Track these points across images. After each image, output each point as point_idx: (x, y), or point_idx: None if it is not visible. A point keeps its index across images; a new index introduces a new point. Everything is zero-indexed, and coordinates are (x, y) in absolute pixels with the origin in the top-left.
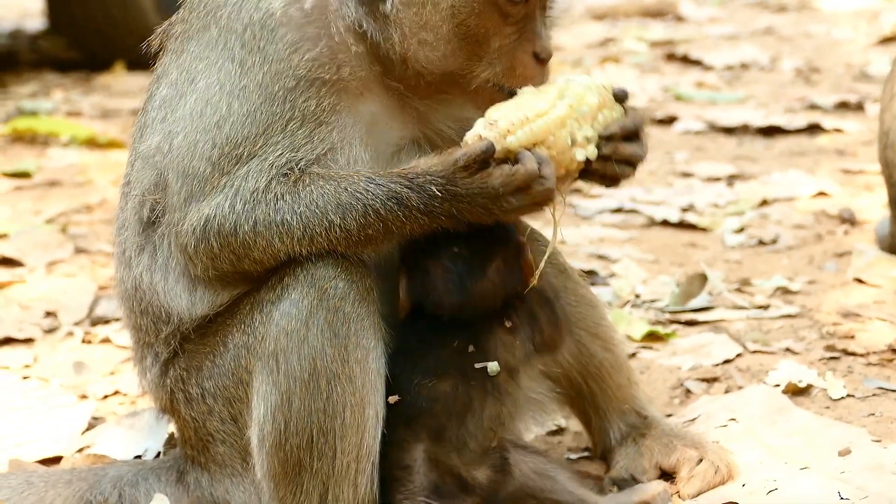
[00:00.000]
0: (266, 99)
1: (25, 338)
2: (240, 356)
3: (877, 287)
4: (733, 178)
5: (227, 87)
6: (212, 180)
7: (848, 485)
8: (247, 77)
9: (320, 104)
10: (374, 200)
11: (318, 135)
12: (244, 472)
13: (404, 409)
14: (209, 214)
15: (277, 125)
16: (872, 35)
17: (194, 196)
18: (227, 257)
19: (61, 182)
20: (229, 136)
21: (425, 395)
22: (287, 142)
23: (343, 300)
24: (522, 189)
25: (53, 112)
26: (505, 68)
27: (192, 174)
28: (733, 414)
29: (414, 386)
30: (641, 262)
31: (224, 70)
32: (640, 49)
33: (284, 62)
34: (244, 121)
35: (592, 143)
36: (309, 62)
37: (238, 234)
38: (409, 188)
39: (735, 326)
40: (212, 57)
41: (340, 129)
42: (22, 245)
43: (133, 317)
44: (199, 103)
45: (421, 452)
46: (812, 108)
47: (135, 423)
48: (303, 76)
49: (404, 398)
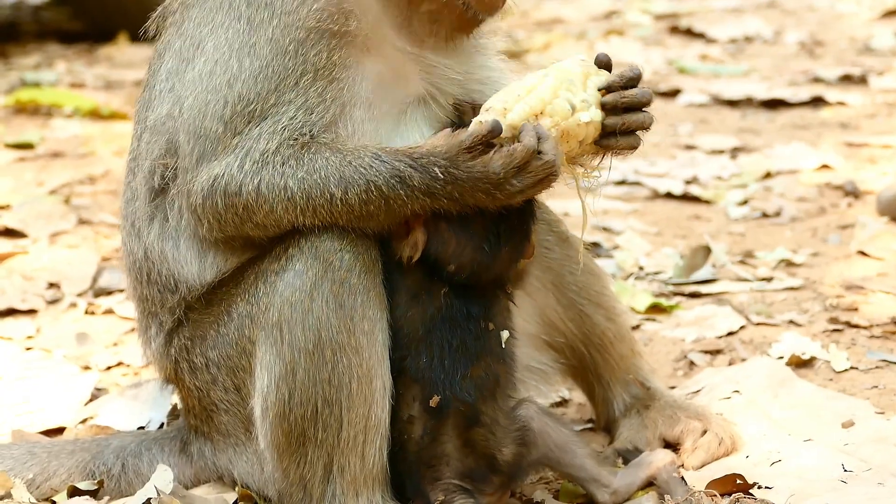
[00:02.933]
0: (278, 53)
1: (28, 308)
2: (244, 326)
3: (880, 259)
4: (737, 150)
5: (237, 45)
6: (224, 140)
7: (851, 457)
8: (256, 33)
9: (331, 57)
10: (376, 177)
11: (329, 93)
12: (247, 441)
13: (441, 404)
14: (218, 173)
15: (290, 80)
16: (876, 8)
17: (206, 156)
18: (231, 219)
19: (64, 153)
20: (241, 93)
21: (467, 386)
22: (301, 100)
23: (349, 272)
24: (523, 168)
25: (56, 83)
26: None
27: (204, 134)
28: (737, 386)
29: (458, 380)
30: (645, 234)
31: (232, 29)
32: (645, 22)
33: (293, 14)
34: (256, 77)
35: (594, 106)
36: (317, 12)
37: (242, 195)
38: (413, 167)
39: (738, 299)
40: (217, 19)
41: (350, 86)
42: (25, 216)
43: (139, 287)
44: (208, 64)
45: (456, 440)
46: (815, 82)
47: (138, 393)
48: (312, 27)
49: (444, 395)
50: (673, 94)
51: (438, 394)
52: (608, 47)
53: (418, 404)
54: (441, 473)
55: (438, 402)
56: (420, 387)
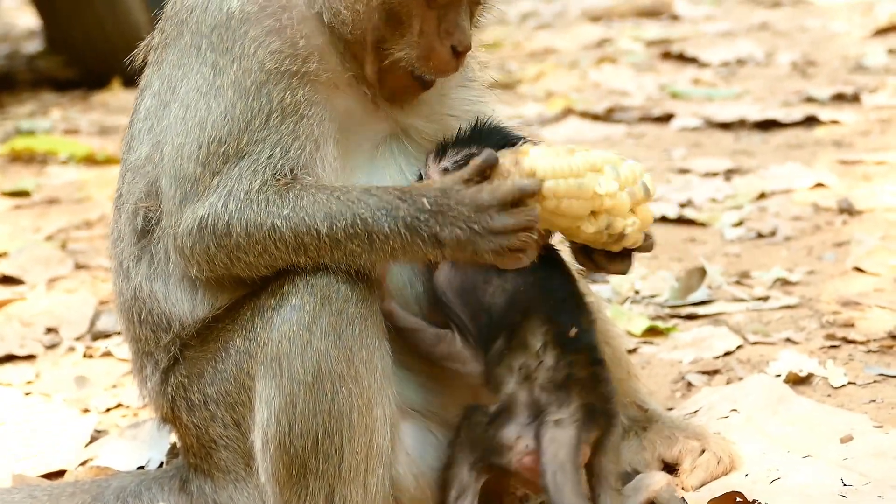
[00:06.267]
0: (242, 95)
1: (27, 354)
2: (242, 361)
3: (876, 275)
4: (731, 172)
5: (204, 89)
6: (203, 180)
7: (851, 471)
8: (220, 77)
9: (294, 96)
10: (364, 208)
11: (301, 129)
12: (248, 476)
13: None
14: (203, 214)
15: (259, 119)
16: (867, 27)
17: (188, 198)
18: (221, 259)
19: (60, 199)
20: (212, 134)
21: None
22: (274, 137)
23: (347, 302)
24: (508, 205)
25: (51, 131)
26: (420, 54)
27: (184, 177)
28: (735, 405)
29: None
30: (640, 258)
31: (200, 74)
32: (636, 49)
33: (251, 58)
34: (224, 118)
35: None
36: (274, 55)
37: (231, 234)
38: (401, 199)
39: (735, 319)
40: (188, 63)
41: (320, 122)
42: (22, 262)
43: (132, 328)
44: (181, 109)
45: (584, 371)
46: (808, 101)
47: (137, 434)
48: (272, 69)
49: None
50: (666, 119)
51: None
52: (601, 75)
53: (552, 336)
54: (572, 398)
55: (577, 333)
56: (554, 322)
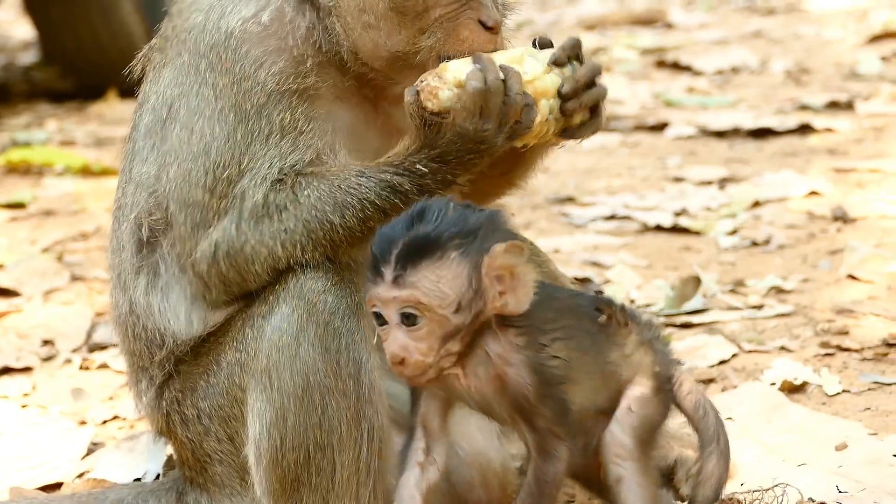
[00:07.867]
0: (242, 119)
1: (24, 366)
2: (233, 374)
3: (870, 283)
4: (725, 180)
5: (206, 112)
6: (212, 206)
7: (846, 479)
8: (221, 99)
9: (294, 115)
10: (368, 193)
11: (301, 142)
12: (243, 490)
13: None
14: (217, 239)
15: (258, 141)
16: (861, 34)
17: (200, 224)
18: (235, 279)
19: (56, 211)
20: (216, 160)
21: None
22: (274, 152)
23: (333, 314)
24: (485, 108)
25: (47, 142)
26: (448, 35)
27: (193, 203)
28: (729, 413)
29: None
30: (636, 267)
31: (201, 95)
32: (631, 57)
33: (251, 79)
34: (226, 143)
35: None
36: (276, 76)
37: (244, 252)
38: (399, 174)
39: (730, 327)
40: (187, 83)
41: (322, 134)
42: (19, 275)
43: (127, 342)
44: (184, 131)
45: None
46: (803, 109)
47: (134, 446)
48: (272, 90)
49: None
50: (661, 128)
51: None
52: None
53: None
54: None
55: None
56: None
